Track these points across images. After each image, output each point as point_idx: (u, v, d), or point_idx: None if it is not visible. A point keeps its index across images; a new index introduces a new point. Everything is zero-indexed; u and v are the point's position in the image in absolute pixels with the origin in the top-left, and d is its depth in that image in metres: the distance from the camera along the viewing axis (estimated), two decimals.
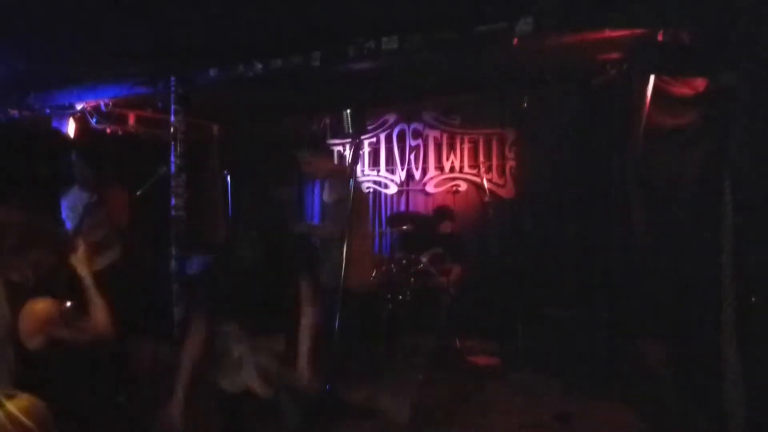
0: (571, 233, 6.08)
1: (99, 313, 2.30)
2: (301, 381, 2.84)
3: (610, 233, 5.48)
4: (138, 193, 4.19)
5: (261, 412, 3.08)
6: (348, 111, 3.09)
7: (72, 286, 2.41)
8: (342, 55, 4.92)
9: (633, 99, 4.71)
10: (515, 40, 4.22)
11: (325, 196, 4.65)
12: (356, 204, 3.62)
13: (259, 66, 5.23)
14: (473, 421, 4.42)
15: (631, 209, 4.96)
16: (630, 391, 4.66)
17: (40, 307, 1.79)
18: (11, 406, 1.04)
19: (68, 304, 2.20)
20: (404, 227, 6.12)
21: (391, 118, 7.28)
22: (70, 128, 6.35)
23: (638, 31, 4.11)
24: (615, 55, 5.06)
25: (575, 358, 5.22)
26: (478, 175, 6.75)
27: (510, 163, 6.69)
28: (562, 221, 6.19)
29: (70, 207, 4.90)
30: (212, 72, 5.48)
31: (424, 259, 5.77)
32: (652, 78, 4.36)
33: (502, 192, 6.72)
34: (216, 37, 4.94)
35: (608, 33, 4.08)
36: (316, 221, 7.20)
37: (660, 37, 4.08)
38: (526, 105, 6.35)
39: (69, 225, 4.76)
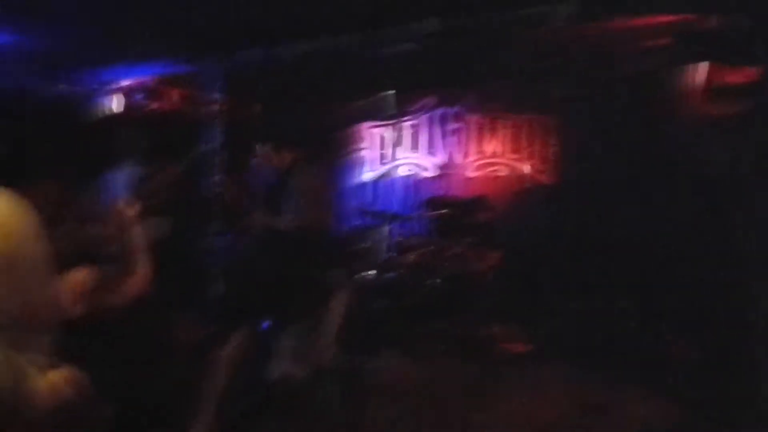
0: (612, 221, 5.95)
1: (140, 269, 2.31)
2: (332, 358, 2.91)
3: (651, 222, 5.36)
4: (180, 170, 4.25)
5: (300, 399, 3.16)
6: (391, 93, 3.05)
7: (114, 251, 2.43)
8: (383, 37, 4.88)
9: (682, 86, 4.56)
10: (558, 24, 4.11)
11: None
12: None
13: (301, 46, 5.22)
14: (502, 407, 4.39)
15: (677, 198, 4.83)
16: (663, 384, 4.58)
17: (79, 276, 1.83)
18: (53, 376, 1.06)
19: (106, 271, 2.22)
20: (442, 211, 6.08)
21: (433, 100, 7.21)
22: (116, 105, 6.47)
23: (689, 16, 3.96)
24: (664, 41, 4.89)
25: (608, 349, 5.14)
26: (519, 160, 6.65)
27: (552, 149, 6.57)
28: (603, 209, 6.06)
29: (125, 181, 5.00)
30: (255, 51, 5.50)
31: (458, 245, 5.73)
32: (703, 65, 4.21)
33: (543, 178, 6.61)
34: (259, 17, 4.95)
35: (657, 18, 3.93)
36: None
37: (712, 23, 3.93)
38: (570, 90, 6.21)
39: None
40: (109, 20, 5.20)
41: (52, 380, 1.05)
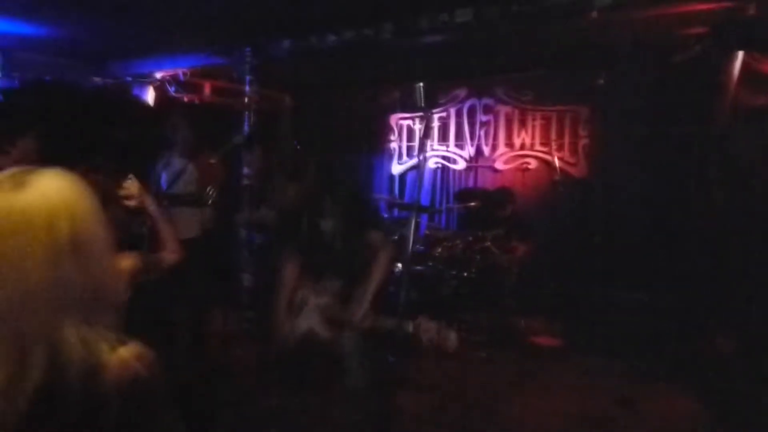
0: (644, 215, 5.88)
1: (171, 242, 2.37)
2: (365, 320, 2.99)
3: (685, 217, 5.28)
4: (212, 161, 4.30)
5: (327, 368, 3.23)
6: (420, 84, 3.04)
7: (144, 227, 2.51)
8: (414, 27, 4.87)
9: (718, 76, 4.48)
10: (594, 13, 4.06)
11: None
12: None
13: (332, 37, 5.24)
14: (531, 401, 4.38)
15: (711, 191, 4.75)
16: (697, 380, 4.52)
17: (126, 263, 1.88)
18: (124, 352, 1.09)
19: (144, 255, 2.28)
20: (471, 204, 6.05)
21: (462, 92, 7.18)
22: (150, 96, 6.57)
23: (726, 4, 3.88)
24: (699, 30, 4.81)
25: (641, 343, 5.09)
26: (549, 152, 6.60)
27: (583, 142, 6.50)
28: (635, 202, 5.99)
29: (169, 172, 5.09)
30: (286, 43, 5.53)
31: (488, 238, 5.70)
32: (740, 55, 4.13)
33: (573, 171, 6.55)
34: (290, 8, 4.97)
35: (693, 6, 3.87)
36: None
37: (750, 11, 3.85)
38: (602, 81, 6.14)
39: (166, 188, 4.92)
40: (143, 13, 5.27)
41: (122, 356, 1.08)
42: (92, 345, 1.04)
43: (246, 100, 5.67)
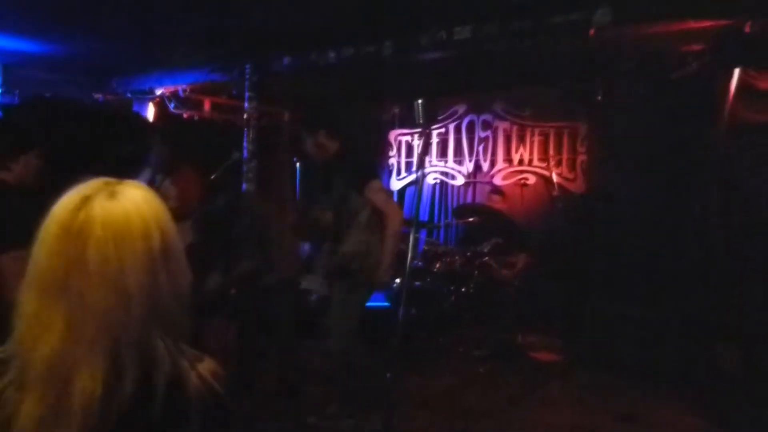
0: (642, 230, 5.89)
1: None
2: (382, 277, 3.43)
3: (685, 232, 5.29)
4: (212, 177, 4.31)
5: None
6: (420, 101, 3.08)
7: None
8: (414, 44, 4.92)
9: (716, 93, 4.51)
10: (592, 31, 4.10)
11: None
12: None
13: (332, 54, 5.29)
14: (529, 417, 4.36)
15: (710, 207, 4.77)
16: (701, 395, 4.51)
17: None
18: (202, 368, 1.10)
19: None
20: (470, 219, 6.07)
21: (461, 108, 7.23)
22: (150, 113, 6.60)
23: (723, 21, 3.93)
24: (697, 47, 4.85)
25: (642, 359, 5.08)
26: (547, 168, 6.63)
27: (581, 158, 6.54)
28: (634, 218, 6.00)
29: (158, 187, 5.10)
30: (286, 60, 5.58)
31: (485, 250, 5.70)
32: (737, 71, 4.16)
33: (571, 186, 6.58)
34: (290, 25, 5.03)
35: (691, 24, 3.91)
36: None
37: (747, 29, 3.89)
38: (600, 98, 6.18)
39: None
40: (143, 30, 5.32)
41: (201, 371, 1.09)
42: (176, 357, 1.05)
43: (245, 116, 5.70)
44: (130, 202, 1.07)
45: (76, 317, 1.00)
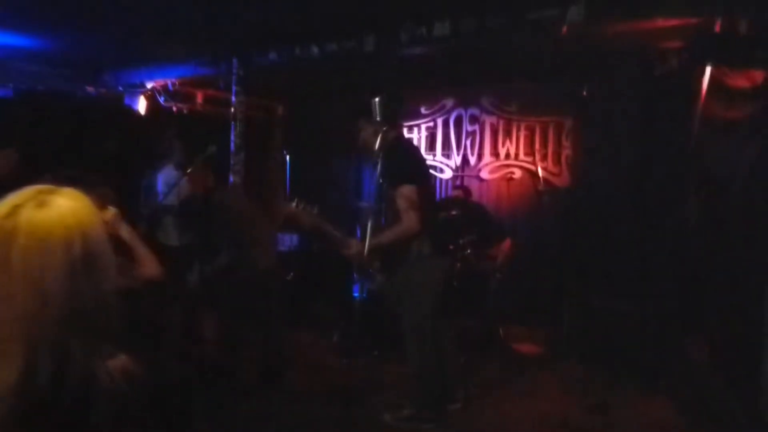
0: (624, 224, 5.95)
1: (146, 260, 2.53)
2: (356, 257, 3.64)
3: (664, 225, 5.35)
4: (188, 171, 4.37)
5: None
6: (377, 99, 3.15)
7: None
8: (394, 40, 4.98)
9: (690, 89, 4.56)
10: (564, 28, 4.16)
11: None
12: None
13: (315, 49, 5.36)
14: (501, 408, 4.44)
15: (686, 202, 4.83)
16: (674, 386, 4.58)
17: None
18: (112, 365, 1.20)
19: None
20: (452, 213, 6.12)
21: (449, 102, 7.28)
22: (141, 106, 6.69)
23: (694, 19, 3.98)
24: (677, 44, 4.90)
25: (621, 350, 5.14)
26: (533, 162, 6.69)
27: (566, 152, 6.59)
28: (616, 212, 6.06)
29: (165, 183, 5.20)
30: (271, 54, 5.65)
31: (466, 243, 5.76)
32: (708, 68, 4.21)
33: (556, 180, 6.64)
34: (275, 20, 5.09)
35: (660, 22, 3.96)
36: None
37: (717, 27, 3.94)
38: (585, 93, 6.22)
39: (162, 199, 5.01)
40: (133, 24, 5.40)
41: (110, 368, 1.19)
42: (89, 355, 1.14)
43: (232, 110, 5.78)
44: (56, 212, 1.16)
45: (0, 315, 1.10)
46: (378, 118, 3.17)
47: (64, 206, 1.18)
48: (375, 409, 4.24)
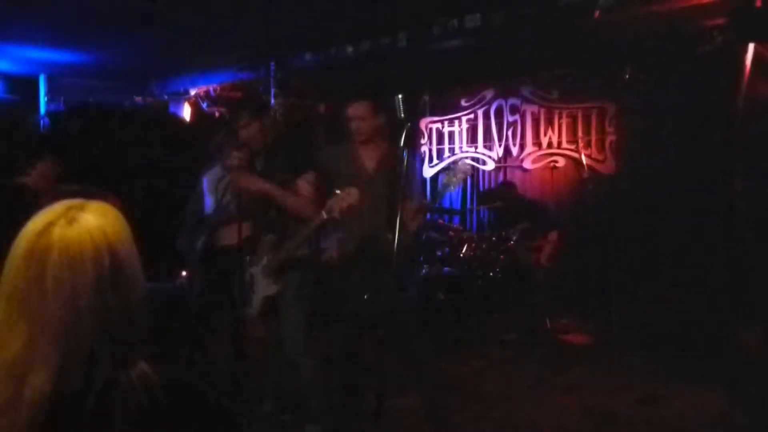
0: (672, 210, 5.79)
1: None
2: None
3: (713, 211, 5.19)
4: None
5: None
6: (400, 96, 3.16)
7: None
8: (427, 35, 4.98)
9: (734, 68, 4.41)
10: (596, 13, 4.07)
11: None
12: None
13: (350, 48, 5.41)
14: (548, 400, 4.40)
15: (734, 185, 4.67)
16: (726, 377, 4.45)
17: None
18: (133, 373, 1.29)
19: None
20: (496, 204, 6.09)
21: (489, 93, 7.21)
22: (186, 112, 6.89)
23: None
24: (717, 21, 4.73)
25: (672, 340, 5.03)
26: (576, 150, 6.56)
27: (610, 138, 6.44)
28: (663, 198, 5.90)
29: (211, 183, 5.29)
30: (307, 56, 5.74)
31: (512, 235, 5.72)
32: (751, 46, 4.05)
33: (601, 168, 6.50)
34: (310, 23, 5.17)
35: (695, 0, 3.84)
36: None
37: (758, 2, 3.79)
38: (627, 77, 6.07)
39: (207, 200, 5.10)
40: (175, 35, 5.58)
41: (130, 376, 1.27)
42: (117, 365, 1.22)
43: (271, 112, 5.88)
44: (85, 228, 1.23)
45: (34, 330, 1.18)
46: (401, 115, 3.18)
47: (92, 222, 1.24)
48: None
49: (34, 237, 1.21)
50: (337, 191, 3.19)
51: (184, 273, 4.95)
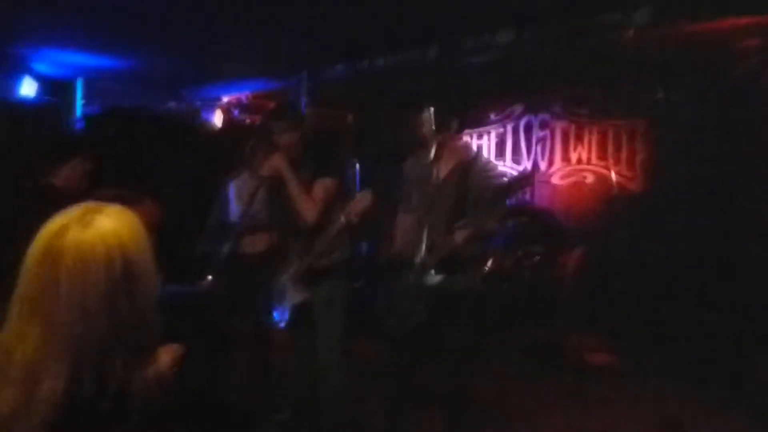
0: (703, 229, 5.69)
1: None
2: None
3: (746, 231, 5.10)
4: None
5: None
6: (431, 108, 3.19)
7: None
8: (458, 49, 5.00)
9: None
10: (631, 32, 4.05)
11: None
12: None
13: (381, 60, 5.44)
14: (566, 421, 4.35)
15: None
16: (752, 401, 4.35)
17: None
18: (148, 373, 1.31)
19: None
20: (522, 219, 6.05)
21: (519, 108, 7.19)
22: (218, 119, 6.98)
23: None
24: (756, 42, 4.67)
25: (698, 362, 4.93)
26: (606, 167, 6.50)
27: (640, 155, 6.37)
28: (695, 217, 5.80)
29: (238, 189, 5.35)
30: (339, 67, 5.79)
31: (535, 251, 5.68)
32: None
33: (631, 185, 6.41)
34: (344, 33, 5.22)
35: (731, 21, 3.79)
36: None
37: None
38: (660, 95, 6.00)
39: (233, 206, 5.15)
40: (209, 43, 5.67)
41: (146, 379, 1.30)
42: (128, 367, 1.23)
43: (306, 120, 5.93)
44: (98, 232, 1.24)
45: (47, 332, 1.20)
46: (432, 128, 3.20)
47: (106, 226, 1.25)
48: None
49: (49, 239, 1.22)
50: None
51: (209, 277, 4.99)
